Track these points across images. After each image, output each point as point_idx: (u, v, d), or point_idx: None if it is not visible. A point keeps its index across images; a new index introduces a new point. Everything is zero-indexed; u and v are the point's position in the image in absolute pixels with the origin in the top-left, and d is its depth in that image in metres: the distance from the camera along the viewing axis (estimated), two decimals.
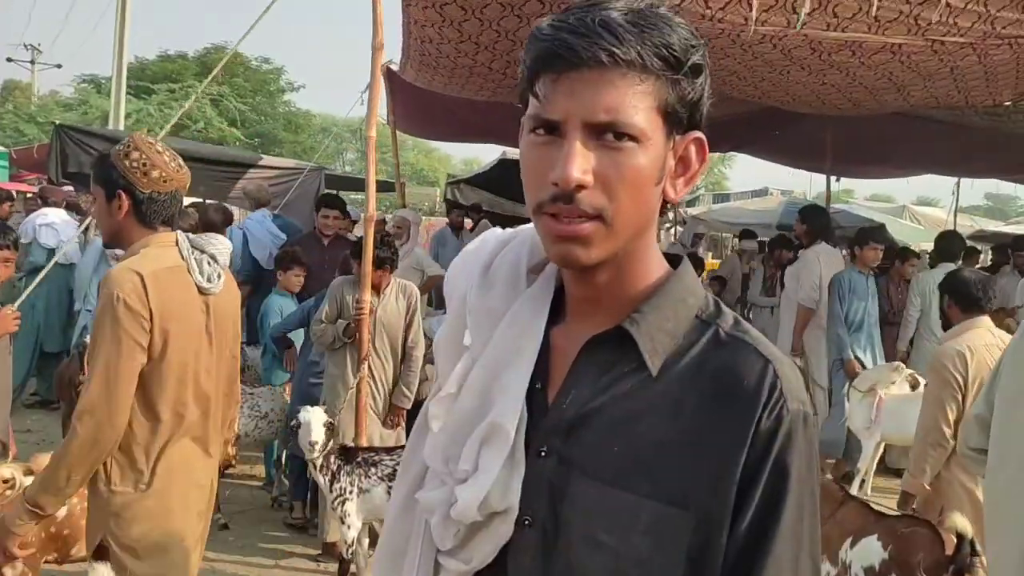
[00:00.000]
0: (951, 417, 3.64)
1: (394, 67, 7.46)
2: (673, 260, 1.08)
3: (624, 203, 0.93)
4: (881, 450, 6.22)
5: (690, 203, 20.39)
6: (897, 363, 6.03)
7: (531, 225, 1.10)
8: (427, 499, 1.04)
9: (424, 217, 19.39)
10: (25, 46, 31.23)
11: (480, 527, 0.99)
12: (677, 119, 0.96)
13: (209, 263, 2.46)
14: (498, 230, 1.19)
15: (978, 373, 3.59)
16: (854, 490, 5.84)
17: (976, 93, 5.53)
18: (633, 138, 0.92)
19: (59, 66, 37.94)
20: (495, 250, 1.12)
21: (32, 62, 31.02)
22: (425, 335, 4.91)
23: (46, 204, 8.13)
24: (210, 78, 6.54)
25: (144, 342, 2.25)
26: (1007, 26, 4.23)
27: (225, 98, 24.19)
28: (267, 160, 11.05)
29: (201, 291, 2.41)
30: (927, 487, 3.71)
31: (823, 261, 6.70)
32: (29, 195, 11.19)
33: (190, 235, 2.49)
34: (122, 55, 16.82)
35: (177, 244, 2.41)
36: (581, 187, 0.90)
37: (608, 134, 0.91)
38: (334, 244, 6.39)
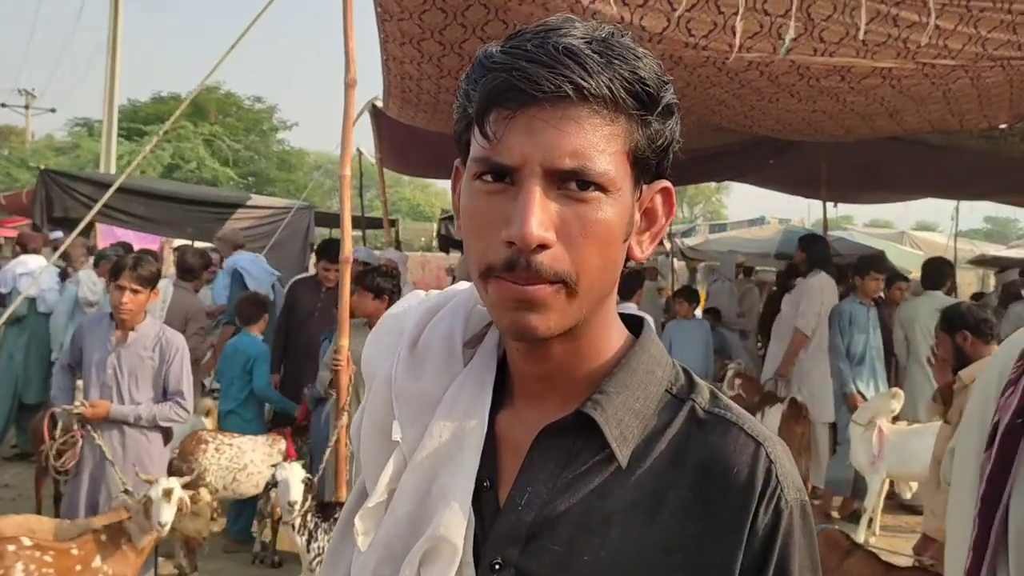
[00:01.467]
0: None
1: (379, 103, 7.39)
2: (630, 322, 0.93)
3: (590, 263, 0.79)
4: (887, 485, 6.01)
5: (686, 234, 20.26)
6: (895, 389, 5.84)
7: (465, 288, 0.94)
8: None
9: (420, 253, 19.32)
10: (19, 91, 31.18)
11: None
12: (646, 166, 0.83)
13: None
14: (421, 293, 1.02)
15: None
16: (861, 530, 5.63)
17: (971, 116, 5.39)
18: (600, 187, 0.78)
19: (53, 110, 38.25)
20: (422, 320, 0.95)
21: (26, 107, 31.09)
22: None
23: (25, 251, 7.97)
24: (171, 120, 6.31)
25: None
26: (999, 47, 4.10)
27: (218, 138, 24.20)
28: (256, 200, 10.98)
29: None
30: None
31: (823, 291, 6.54)
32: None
33: None
34: (113, 98, 16.84)
35: None
36: (543, 246, 0.76)
37: (571, 183, 0.77)
38: (330, 289, 6.06)
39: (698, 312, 9.13)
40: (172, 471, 4.44)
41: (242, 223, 9.72)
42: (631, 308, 5.52)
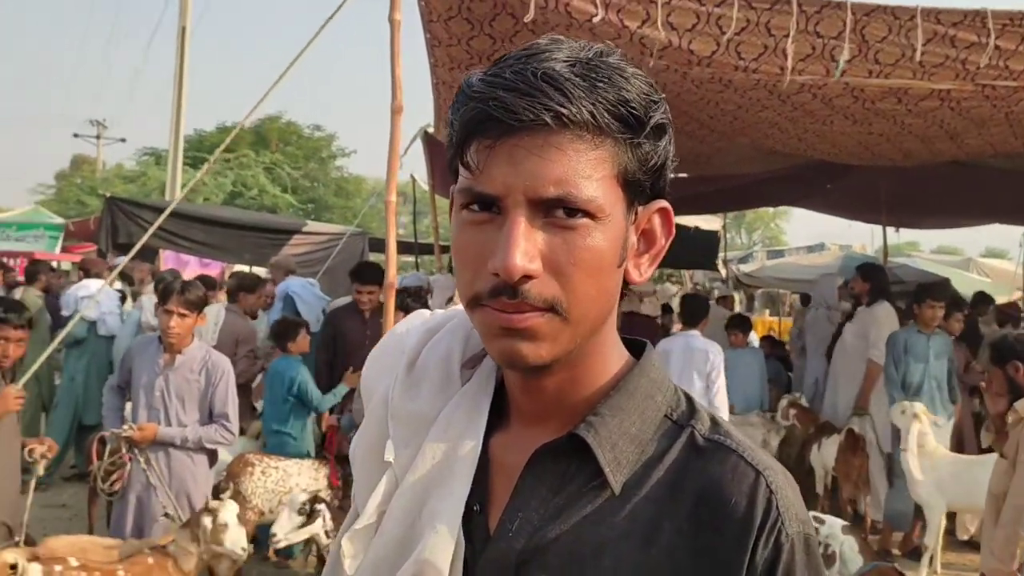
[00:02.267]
0: None
1: (432, 130, 7.46)
2: (633, 345, 0.90)
3: (581, 291, 0.77)
4: (944, 521, 5.74)
5: (743, 260, 19.96)
6: (904, 403, 5.55)
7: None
8: None
9: None
10: (91, 122, 32.42)
11: None
12: (639, 188, 0.81)
13: None
14: (426, 313, 1.00)
15: None
16: (923, 567, 5.40)
17: None
18: (588, 214, 0.76)
19: (123, 140, 39.52)
20: (422, 340, 0.93)
21: (98, 137, 32.26)
22: None
23: (88, 276, 8.19)
24: (220, 149, 6.34)
25: None
26: None
27: (278, 166, 24.76)
28: (311, 226, 11.16)
29: None
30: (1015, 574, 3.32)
31: (888, 320, 6.36)
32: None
33: None
34: (179, 128, 17.34)
35: None
36: (528, 277, 0.75)
37: (558, 210, 0.75)
38: (375, 315, 5.73)
39: (755, 340, 8.98)
40: (219, 493, 4.48)
41: (298, 249, 9.89)
42: (695, 335, 5.42)
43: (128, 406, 4.06)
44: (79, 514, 6.15)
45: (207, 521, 3.48)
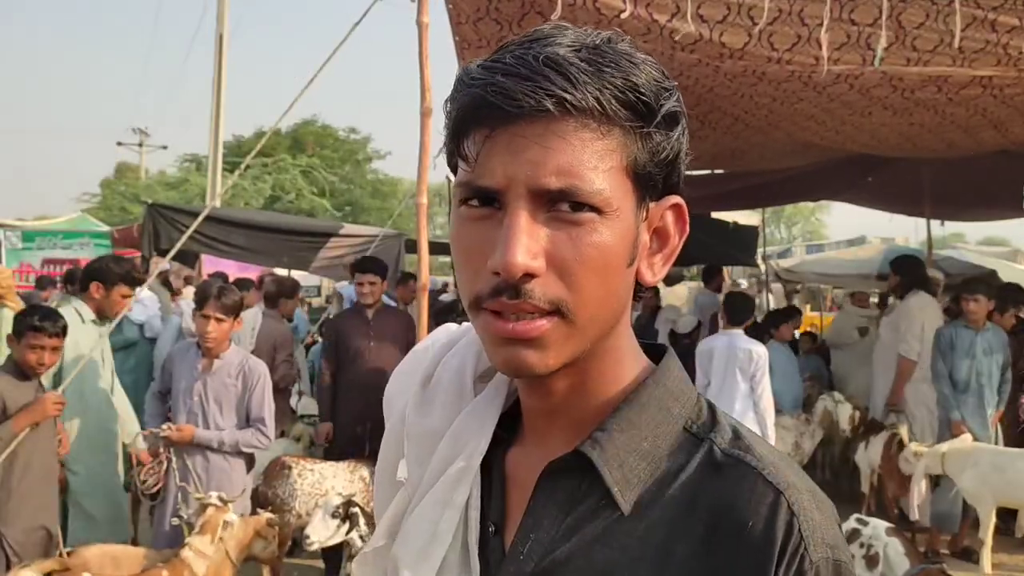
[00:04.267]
0: None
1: None
2: (653, 350, 0.85)
3: (588, 292, 0.72)
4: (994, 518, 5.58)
5: (783, 255, 19.68)
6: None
7: None
8: None
9: None
10: (134, 130, 33.06)
11: None
12: (650, 182, 0.76)
13: None
14: (452, 326, 0.97)
15: None
16: (985, 563, 5.24)
17: None
18: (594, 208, 0.71)
19: (165, 147, 40.17)
20: (438, 356, 0.90)
21: (140, 144, 32.87)
22: None
23: None
24: (251, 155, 6.24)
25: None
26: None
27: (315, 169, 24.98)
28: (348, 228, 11.21)
29: None
30: None
31: (924, 312, 6.19)
32: None
33: None
34: (218, 134, 17.59)
35: None
36: (530, 275, 0.70)
37: (562, 204, 0.70)
38: (380, 316, 5.55)
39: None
40: (257, 496, 4.51)
41: (335, 252, 9.96)
42: (738, 334, 5.33)
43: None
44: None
45: (233, 517, 3.52)
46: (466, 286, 0.75)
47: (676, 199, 0.79)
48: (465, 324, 0.94)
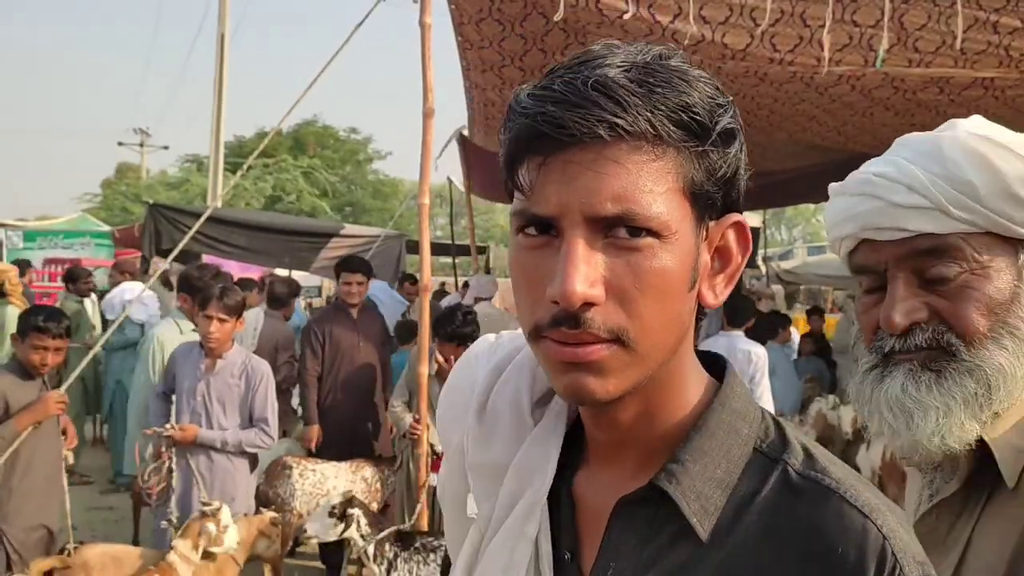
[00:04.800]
0: None
1: (466, 132, 7.48)
2: (711, 362, 0.84)
3: (649, 319, 0.71)
4: None
5: (783, 257, 19.70)
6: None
7: None
8: None
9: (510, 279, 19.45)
10: (135, 130, 33.09)
11: None
12: (708, 201, 0.74)
13: None
14: (490, 338, 0.95)
15: None
16: None
17: None
18: (653, 232, 0.70)
19: (166, 147, 40.25)
20: (489, 383, 0.89)
21: (141, 145, 32.90)
22: None
23: (122, 275, 8.37)
24: (252, 157, 6.31)
25: None
26: None
27: (316, 170, 25.02)
28: (349, 229, 11.24)
29: None
30: None
31: None
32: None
33: None
34: (219, 135, 17.61)
35: None
36: (589, 304, 0.69)
37: (619, 229, 0.70)
38: (364, 316, 5.61)
39: (795, 337, 8.83)
40: (259, 496, 4.52)
41: (336, 252, 9.95)
42: (739, 335, 5.34)
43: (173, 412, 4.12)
44: (125, 517, 6.26)
45: (212, 527, 3.53)
46: (525, 315, 0.74)
47: (737, 217, 0.78)
48: (505, 335, 0.94)
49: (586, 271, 0.68)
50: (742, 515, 0.74)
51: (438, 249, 14.74)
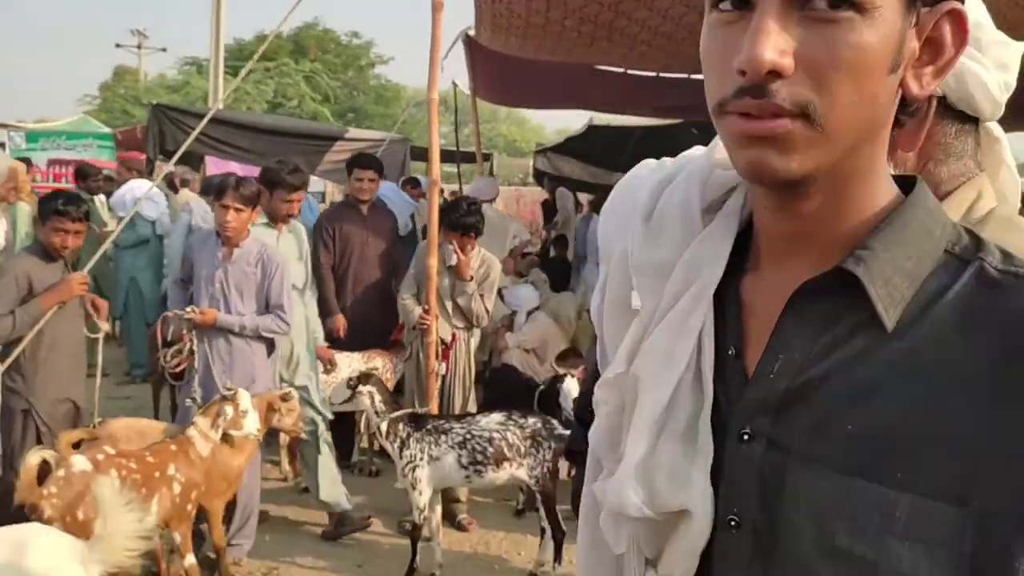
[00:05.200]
0: None
1: (472, 33, 7.39)
2: (901, 181, 0.79)
3: (840, 96, 0.66)
4: None
5: None
6: None
7: (700, 154, 0.88)
8: (598, 489, 0.83)
9: (515, 188, 19.38)
10: (132, 32, 32.47)
11: (667, 529, 0.77)
12: None
13: None
14: (652, 162, 0.94)
15: None
16: None
17: None
18: (855, 5, 0.65)
19: (164, 50, 39.44)
20: (655, 192, 0.87)
21: (139, 47, 32.28)
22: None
23: (128, 172, 8.47)
24: (254, 59, 6.25)
25: None
26: None
27: (318, 75, 24.66)
28: (353, 132, 11.19)
29: None
30: None
31: None
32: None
33: None
34: (219, 37, 17.31)
35: None
36: (777, 74, 0.65)
37: (818, 1, 0.65)
38: (374, 213, 5.72)
39: None
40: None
41: (341, 155, 9.96)
42: None
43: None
44: (144, 405, 6.47)
45: (229, 409, 3.69)
46: (712, 91, 0.71)
47: (955, 4, 0.71)
48: (674, 159, 0.92)
49: (776, 39, 0.64)
50: (931, 309, 0.70)
51: (443, 156, 14.65)
